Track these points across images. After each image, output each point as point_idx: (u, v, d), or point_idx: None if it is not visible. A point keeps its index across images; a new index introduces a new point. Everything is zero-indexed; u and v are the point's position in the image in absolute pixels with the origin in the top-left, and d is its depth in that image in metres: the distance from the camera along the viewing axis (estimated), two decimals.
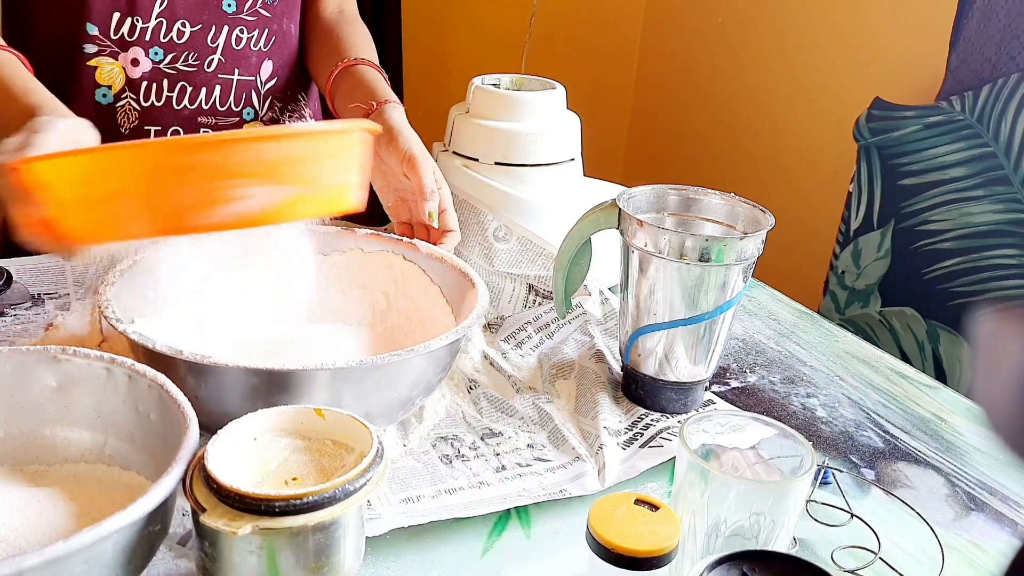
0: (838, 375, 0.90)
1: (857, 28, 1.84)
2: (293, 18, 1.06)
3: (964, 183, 1.63)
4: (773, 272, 1.19)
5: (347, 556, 0.52)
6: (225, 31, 0.99)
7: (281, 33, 1.04)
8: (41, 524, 0.54)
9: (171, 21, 0.96)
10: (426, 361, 0.68)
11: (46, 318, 0.86)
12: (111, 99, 0.97)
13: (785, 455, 0.58)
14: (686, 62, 2.31)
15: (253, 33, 1.01)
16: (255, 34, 1.01)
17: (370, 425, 0.55)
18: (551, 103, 0.95)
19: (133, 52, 0.96)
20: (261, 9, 1.00)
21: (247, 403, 0.61)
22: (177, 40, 0.96)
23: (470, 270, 0.80)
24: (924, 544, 0.67)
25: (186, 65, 0.98)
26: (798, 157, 2.01)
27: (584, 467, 0.71)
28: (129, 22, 0.94)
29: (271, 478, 0.54)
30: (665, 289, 0.74)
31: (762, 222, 0.75)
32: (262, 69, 1.04)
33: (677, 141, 2.38)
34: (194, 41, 0.97)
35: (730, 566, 0.47)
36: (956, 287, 1.66)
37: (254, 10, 1.00)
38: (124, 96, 0.97)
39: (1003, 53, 1.55)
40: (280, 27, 1.04)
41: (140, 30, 0.95)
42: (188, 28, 0.97)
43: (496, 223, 0.89)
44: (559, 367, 0.84)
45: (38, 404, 0.61)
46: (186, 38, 0.97)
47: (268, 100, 1.06)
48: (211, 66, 0.99)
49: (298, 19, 1.08)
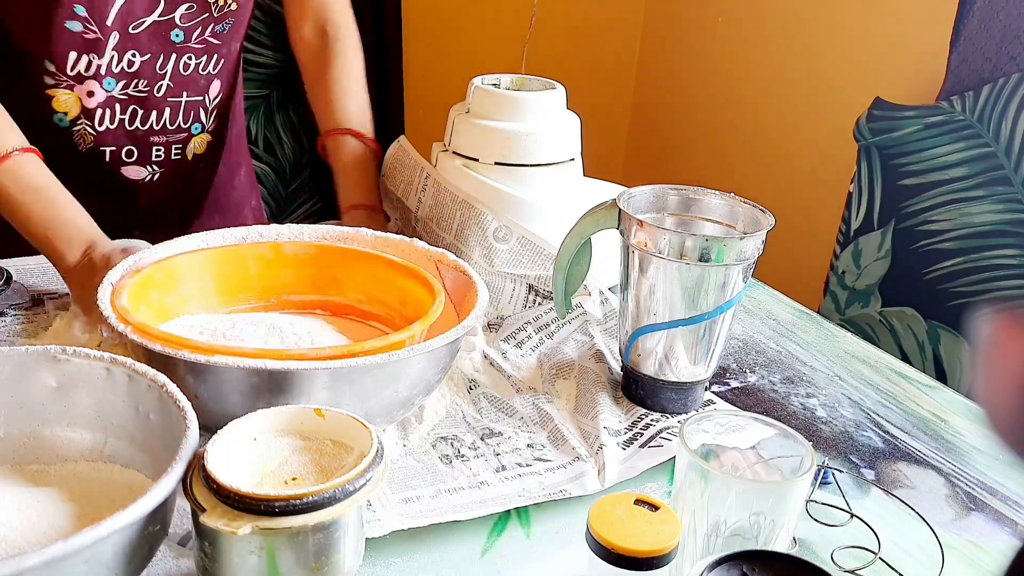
0: (838, 375, 0.90)
1: (857, 28, 1.84)
2: (239, 37, 1.07)
3: (964, 183, 1.63)
4: (773, 272, 1.19)
5: (347, 556, 0.52)
6: (173, 58, 1.01)
7: (229, 55, 1.07)
8: (41, 524, 0.54)
9: (122, 54, 0.98)
10: (426, 360, 0.68)
11: (46, 318, 0.86)
12: (67, 124, 1.00)
13: (785, 455, 0.58)
14: (686, 62, 2.31)
15: (202, 59, 1.03)
16: (203, 59, 1.03)
17: (370, 425, 0.55)
18: (551, 103, 0.95)
19: (88, 85, 0.98)
20: (210, 38, 1.02)
21: (247, 403, 0.61)
22: (128, 69, 0.99)
23: (470, 270, 0.80)
24: (924, 544, 0.67)
25: (136, 91, 1.00)
26: (798, 157, 2.01)
27: (584, 467, 0.70)
28: (86, 59, 0.96)
29: (271, 478, 0.54)
30: (665, 289, 0.74)
31: (762, 222, 0.75)
32: (211, 88, 1.07)
33: (677, 141, 2.38)
34: (143, 70, 1.00)
35: (730, 566, 0.47)
36: (956, 287, 1.66)
37: (202, 39, 1.02)
38: (79, 121, 1.00)
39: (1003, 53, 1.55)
40: (228, 50, 1.06)
41: (95, 66, 0.97)
42: (138, 58, 0.99)
43: (496, 223, 0.89)
44: (559, 367, 0.84)
45: (38, 404, 0.61)
46: (136, 67, 0.99)
47: (214, 113, 1.09)
48: (160, 91, 1.02)
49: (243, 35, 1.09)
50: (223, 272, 0.81)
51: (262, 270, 0.82)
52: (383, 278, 0.82)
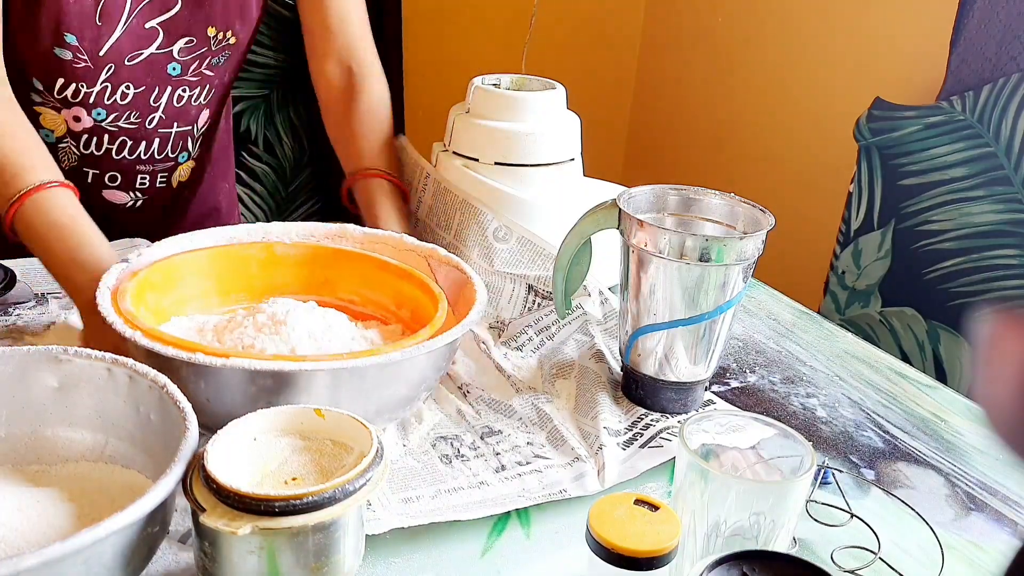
0: (838, 375, 0.90)
1: (857, 28, 1.84)
2: (232, 68, 1.06)
3: (964, 183, 1.63)
4: (773, 272, 1.19)
5: (347, 556, 0.52)
6: (168, 91, 1.00)
7: (221, 86, 1.06)
8: (41, 524, 0.54)
9: (116, 85, 0.96)
10: (426, 360, 0.68)
11: (49, 317, 0.86)
12: (52, 140, 0.99)
13: (785, 455, 0.58)
14: (686, 62, 2.31)
15: (195, 91, 1.02)
16: (196, 91, 1.03)
17: (370, 425, 0.55)
18: (551, 103, 0.95)
19: (75, 111, 0.97)
20: (205, 70, 1.01)
21: (247, 403, 0.61)
22: (121, 101, 0.98)
23: (463, 265, 0.80)
24: (924, 544, 0.67)
25: (127, 123, 0.99)
26: (798, 157, 2.01)
27: (584, 467, 0.70)
28: (74, 86, 0.95)
29: (271, 478, 0.54)
30: (665, 289, 0.74)
31: (762, 222, 0.75)
32: (200, 118, 1.06)
33: (677, 141, 2.37)
34: (137, 102, 0.99)
35: (730, 566, 0.47)
36: (956, 287, 1.66)
37: (198, 71, 1.01)
38: (65, 141, 0.99)
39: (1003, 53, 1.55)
40: (221, 81, 1.05)
41: (84, 94, 0.96)
42: (132, 90, 0.97)
43: (496, 223, 0.89)
44: (559, 367, 0.84)
45: (39, 404, 0.61)
46: (129, 99, 0.98)
47: (200, 140, 1.08)
48: (152, 123, 1.01)
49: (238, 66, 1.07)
50: (219, 273, 0.81)
51: (257, 271, 0.83)
52: (377, 279, 0.83)
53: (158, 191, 1.07)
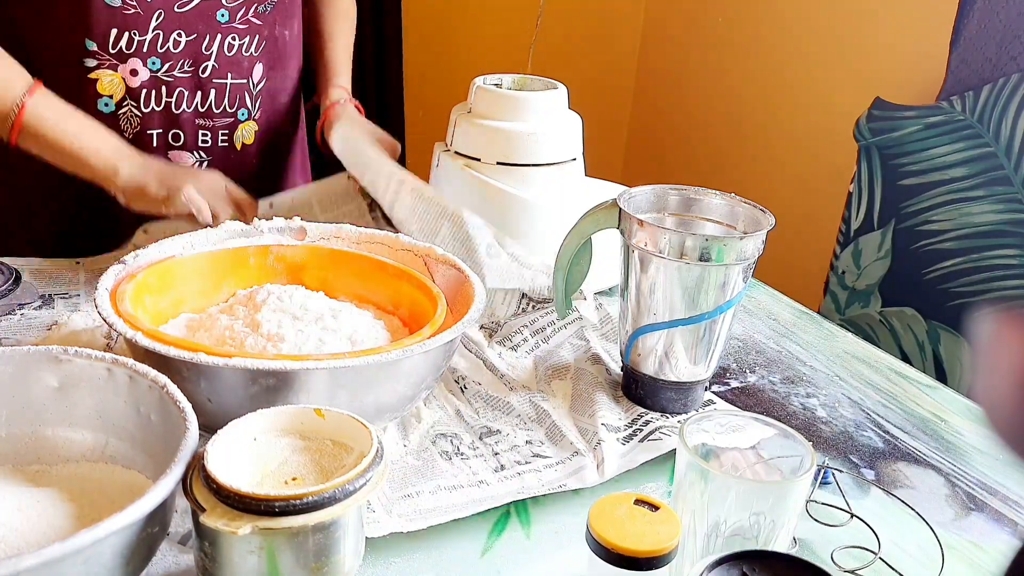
0: (838, 375, 0.90)
1: (857, 28, 1.84)
2: (286, 24, 1.09)
3: (964, 183, 1.63)
4: (773, 272, 1.19)
5: (347, 556, 0.52)
6: (219, 39, 1.02)
7: (272, 39, 1.07)
8: (41, 524, 0.54)
9: (167, 33, 0.99)
10: (424, 360, 0.68)
11: (54, 318, 0.86)
12: (112, 107, 1.00)
13: (785, 455, 0.58)
14: (686, 62, 2.31)
15: (245, 40, 1.04)
16: (247, 40, 1.04)
17: (370, 425, 0.56)
18: (553, 103, 0.95)
19: (132, 63, 0.98)
20: (253, 18, 1.04)
21: (247, 403, 0.62)
22: (173, 50, 1.00)
23: (462, 264, 0.80)
24: (924, 544, 0.67)
25: (182, 72, 1.01)
26: (798, 157, 2.01)
27: (583, 461, 0.71)
28: (127, 36, 0.97)
29: (271, 478, 0.54)
30: (665, 289, 0.74)
31: (762, 222, 0.75)
32: (254, 72, 1.07)
33: (677, 141, 2.38)
34: (189, 50, 1.01)
35: (730, 566, 0.47)
36: (956, 287, 1.66)
37: (246, 19, 1.03)
38: (125, 104, 1.00)
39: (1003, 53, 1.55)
40: (271, 33, 1.07)
41: (138, 43, 0.98)
42: (184, 38, 1.00)
43: (486, 242, 0.89)
44: (555, 368, 0.84)
45: (39, 404, 0.61)
46: (182, 47, 1.00)
47: (259, 100, 1.09)
48: (206, 72, 1.03)
49: (294, 25, 1.10)
50: (215, 275, 0.81)
51: (254, 272, 0.83)
52: (375, 279, 0.83)
53: (222, 151, 1.08)
